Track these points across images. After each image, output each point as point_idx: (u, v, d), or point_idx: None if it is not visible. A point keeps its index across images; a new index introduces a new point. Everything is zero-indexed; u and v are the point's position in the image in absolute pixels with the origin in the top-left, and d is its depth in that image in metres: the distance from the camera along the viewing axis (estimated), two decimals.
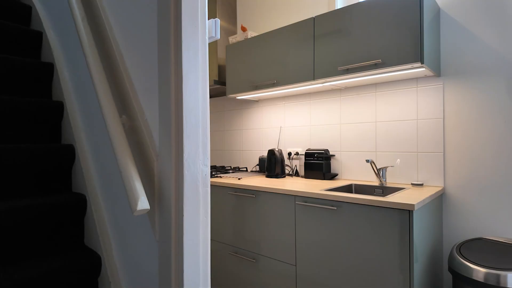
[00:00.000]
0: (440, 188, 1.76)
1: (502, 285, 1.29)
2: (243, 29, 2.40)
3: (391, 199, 1.43)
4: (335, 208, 1.57)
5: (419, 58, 1.55)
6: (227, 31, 2.85)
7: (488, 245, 1.52)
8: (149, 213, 0.93)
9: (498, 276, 1.31)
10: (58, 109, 1.50)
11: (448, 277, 1.80)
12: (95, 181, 1.27)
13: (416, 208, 1.35)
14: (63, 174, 1.42)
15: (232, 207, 2.09)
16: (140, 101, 1.00)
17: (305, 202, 1.69)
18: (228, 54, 2.48)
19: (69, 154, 1.40)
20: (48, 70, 1.60)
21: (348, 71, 1.79)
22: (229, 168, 2.88)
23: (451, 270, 1.48)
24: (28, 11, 1.86)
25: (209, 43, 2.71)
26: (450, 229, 1.80)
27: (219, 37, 1.00)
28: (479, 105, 1.71)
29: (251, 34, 2.38)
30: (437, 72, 1.78)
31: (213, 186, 2.21)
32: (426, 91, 1.87)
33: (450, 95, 1.80)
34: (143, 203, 0.81)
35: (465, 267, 1.41)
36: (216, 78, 2.64)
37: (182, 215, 0.82)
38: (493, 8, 1.66)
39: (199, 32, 0.88)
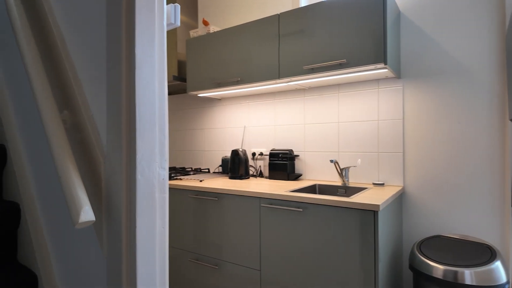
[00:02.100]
0: (400, 188, 1.80)
1: (459, 281, 1.33)
2: (205, 23, 2.28)
3: (356, 199, 1.42)
4: (301, 209, 1.53)
5: (382, 59, 1.56)
6: (188, 26, 2.71)
7: (446, 242, 1.57)
8: (95, 225, 0.80)
9: (455, 272, 1.35)
10: None
11: (408, 274, 1.85)
12: (31, 188, 1.09)
13: (381, 208, 1.35)
14: None
15: (192, 211, 1.97)
16: (85, 93, 0.86)
17: (271, 204, 1.63)
18: (188, 48, 2.35)
19: None
20: None
21: (313, 71, 1.77)
22: (190, 169, 2.74)
23: (412, 268, 1.51)
24: None
25: (168, 36, 2.55)
26: (409, 227, 1.85)
27: (179, 24, 0.89)
28: (435, 107, 1.78)
29: (213, 28, 2.27)
30: (398, 73, 1.82)
31: (173, 189, 2.07)
32: (387, 93, 1.91)
33: (409, 97, 1.85)
34: (86, 214, 0.69)
35: (425, 265, 1.44)
36: (176, 74, 2.49)
37: (135, 227, 0.71)
38: (449, 14, 1.73)
39: (156, 16, 0.77)
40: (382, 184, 1.87)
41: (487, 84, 1.64)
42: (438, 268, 1.40)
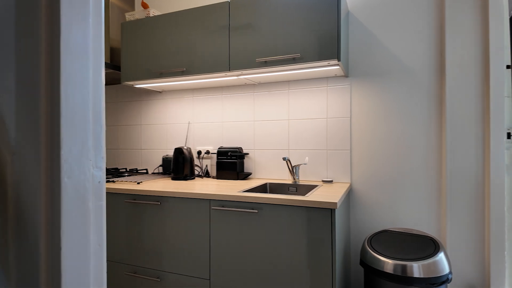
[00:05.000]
0: (348, 184, 1.82)
1: (408, 274, 1.37)
2: (144, 6, 2.04)
3: (313, 198, 1.37)
4: (256, 211, 1.43)
5: (336, 55, 1.55)
6: (122, 10, 2.41)
7: (393, 237, 1.62)
8: None
9: (404, 266, 1.39)
10: None
11: (356, 270, 1.88)
12: None
13: (338, 206, 1.32)
14: None
15: (129, 218, 1.72)
16: None
17: (222, 206, 1.49)
18: (124, 33, 2.07)
19: None
20: None
21: (266, 64, 1.68)
22: (124, 170, 2.44)
23: (363, 263, 1.52)
24: None
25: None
26: (356, 223, 1.88)
27: None
28: (380, 106, 1.84)
29: (153, 12, 2.04)
30: (346, 72, 1.84)
31: None
32: (336, 91, 1.92)
33: (356, 95, 1.89)
34: None
35: (376, 260, 1.46)
36: (108, 61, 2.19)
37: (59, 248, 0.52)
38: (394, 16, 1.80)
39: None
40: (331, 181, 1.88)
41: (426, 85, 1.74)
42: (388, 263, 1.42)
